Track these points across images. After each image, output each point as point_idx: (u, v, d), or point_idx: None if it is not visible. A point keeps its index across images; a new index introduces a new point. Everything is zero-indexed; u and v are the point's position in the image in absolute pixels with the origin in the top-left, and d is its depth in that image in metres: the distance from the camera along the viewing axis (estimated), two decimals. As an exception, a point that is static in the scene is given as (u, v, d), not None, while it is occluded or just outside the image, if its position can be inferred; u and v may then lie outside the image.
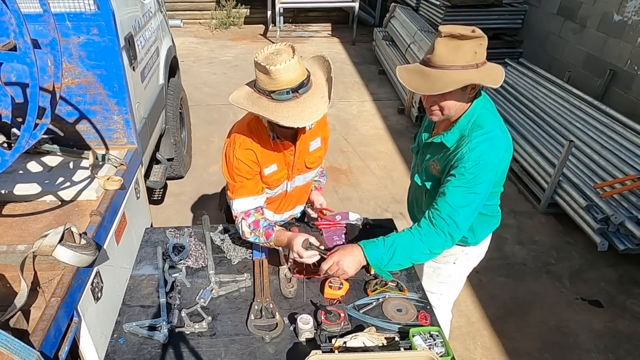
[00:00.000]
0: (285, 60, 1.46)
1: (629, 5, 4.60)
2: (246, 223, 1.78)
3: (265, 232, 1.77)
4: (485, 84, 1.49)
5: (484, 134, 1.54)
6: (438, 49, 1.46)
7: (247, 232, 1.79)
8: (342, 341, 1.43)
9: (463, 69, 1.45)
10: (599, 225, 3.38)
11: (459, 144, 1.58)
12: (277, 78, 1.47)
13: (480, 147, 1.53)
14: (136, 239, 2.29)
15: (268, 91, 1.52)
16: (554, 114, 4.68)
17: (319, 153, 1.93)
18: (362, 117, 5.77)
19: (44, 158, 2.41)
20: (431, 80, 1.48)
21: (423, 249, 1.59)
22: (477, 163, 1.52)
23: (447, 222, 1.56)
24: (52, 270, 1.72)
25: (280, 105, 1.52)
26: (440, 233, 1.57)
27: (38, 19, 1.97)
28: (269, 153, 1.76)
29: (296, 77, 1.50)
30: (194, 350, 1.50)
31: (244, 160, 1.72)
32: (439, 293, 2.05)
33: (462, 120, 1.60)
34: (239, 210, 1.80)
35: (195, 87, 6.32)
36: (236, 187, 1.78)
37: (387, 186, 4.32)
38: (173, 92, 3.84)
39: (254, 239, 1.80)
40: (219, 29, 9.39)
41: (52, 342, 1.47)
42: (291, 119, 1.51)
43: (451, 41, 1.44)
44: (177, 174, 4.06)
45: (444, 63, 1.46)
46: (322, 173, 2.19)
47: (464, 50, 1.44)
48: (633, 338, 2.81)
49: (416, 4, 7.51)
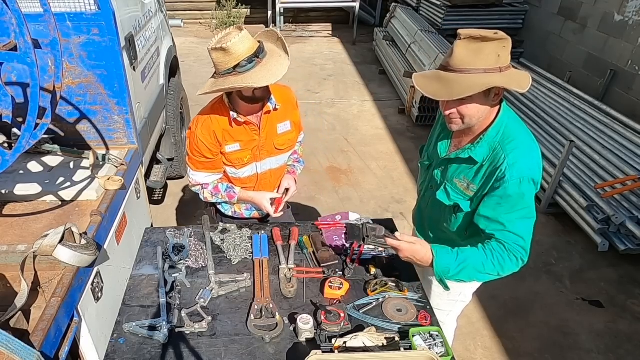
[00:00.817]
0: (236, 35, 1.59)
1: (630, 5, 4.60)
2: (208, 191, 2.03)
3: (227, 195, 2.02)
4: (511, 87, 1.37)
5: (519, 146, 1.45)
6: (457, 52, 1.36)
7: (209, 197, 2.04)
8: (342, 341, 1.43)
9: (485, 72, 1.34)
10: (600, 226, 3.38)
11: (493, 160, 1.47)
12: (235, 52, 1.60)
13: (521, 162, 1.43)
14: (136, 239, 2.29)
15: (231, 68, 1.63)
16: (554, 114, 4.68)
17: (289, 136, 2.02)
18: (363, 117, 5.77)
19: (45, 158, 2.41)
20: (450, 85, 1.37)
21: (493, 271, 1.54)
22: (521, 181, 1.43)
23: (519, 250, 1.51)
24: (52, 270, 1.72)
25: (247, 74, 1.64)
26: (513, 259, 1.52)
27: (39, 19, 1.97)
28: (230, 131, 1.88)
29: (252, 46, 1.63)
30: (194, 350, 1.50)
31: (204, 140, 1.87)
32: (448, 310, 1.99)
33: (491, 131, 1.48)
34: (193, 180, 2.03)
35: (195, 87, 6.28)
36: (194, 161, 1.97)
37: (387, 186, 4.32)
38: (173, 92, 3.84)
39: (215, 200, 2.06)
40: (219, 29, 9.39)
41: (53, 342, 1.47)
42: (263, 79, 1.63)
43: (472, 43, 1.34)
44: (177, 174, 4.06)
45: (464, 66, 1.35)
46: (297, 159, 2.23)
47: (486, 53, 1.34)
48: (633, 338, 2.81)
49: (417, 4, 7.51)
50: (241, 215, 2.22)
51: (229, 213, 2.22)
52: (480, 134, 1.51)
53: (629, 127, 4.12)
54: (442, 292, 1.83)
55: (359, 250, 1.86)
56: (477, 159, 1.51)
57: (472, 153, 1.52)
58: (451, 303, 1.96)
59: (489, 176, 1.49)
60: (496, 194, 1.47)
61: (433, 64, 5.17)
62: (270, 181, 2.09)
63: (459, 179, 1.59)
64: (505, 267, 1.53)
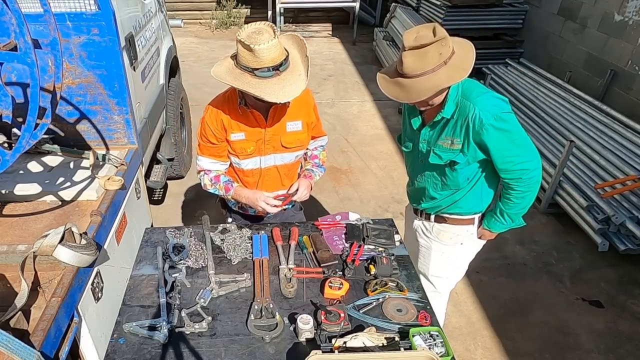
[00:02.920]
0: (267, 40, 1.57)
1: (630, 5, 4.60)
2: (208, 177, 2.02)
3: (224, 187, 2.01)
4: (455, 81, 1.58)
5: (480, 93, 1.67)
6: (406, 62, 1.55)
7: (208, 184, 2.03)
8: (342, 341, 1.43)
9: (433, 71, 1.55)
10: (600, 226, 3.38)
11: (463, 111, 1.68)
12: (260, 56, 1.59)
13: (488, 104, 1.65)
14: (136, 239, 2.29)
15: (251, 68, 1.63)
16: (554, 114, 4.68)
17: (299, 136, 1.98)
18: (363, 117, 5.77)
19: (45, 158, 2.41)
20: (406, 89, 1.60)
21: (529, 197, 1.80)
22: (497, 116, 1.64)
23: (526, 171, 1.73)
24: (52, 270, 1.72)
25: (262, 82, 1.64)
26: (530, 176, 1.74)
27: (39, 19, 1.98)
28: (237, 119, 1.89)
29: (277, 56, 1.62)
30: (194, 350, 1.50)
31: (211, 125, 1.90)
32: (446, 277, 2.14)
33: (451, 92, 1.69)
34: (200, 166, 2.04)
35: (195, 87, 6.32)
36: (202, 146, 2.00)
37: (387, 186, 4.32)
38: (173, 92, 3.84)
39: (213, 190, 2.04)
40: (219, 29, 9.40)
41: (53, 342, 1.47)
42: (274, 94, 1.64)
43: (415, 51, 1.54)
44: (177, 174, 4.06)
45: (415, 72, 1.56)
46: (318, 164, 2.17)
47: (430, 56, 1.53)
48: (634, 338, 2.81)
49: (417, 4, 7.51)
50: (246, 212, 2.20)
51: (235, 208, 2.22)
52: (444, 101, 1.72)
53: (629, 127, 4.12)
54: (440, 258, 2.09)
55: (359, 250, 1.87)
56: (447, 116, 1.73)
57: (442, 113, 1.73)
58: (449, 268, 2.12)
59: (467, 126, 1.69)
60: (484, 139, 1.67)
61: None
62: (274, 179, 2.07)
63: (442, 139, 1.79)
64: (531, 188, 1.78)
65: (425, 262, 2.13)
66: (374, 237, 1.95)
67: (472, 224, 1.99)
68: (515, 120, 1.69)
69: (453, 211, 1.96)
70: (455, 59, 1.58)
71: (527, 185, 1.76)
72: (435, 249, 2.06)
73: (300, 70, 1.72)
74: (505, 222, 1.90)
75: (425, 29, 1.55)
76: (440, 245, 2.05)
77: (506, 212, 1.86)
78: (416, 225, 2.12)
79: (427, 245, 2.09)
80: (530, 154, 1.73)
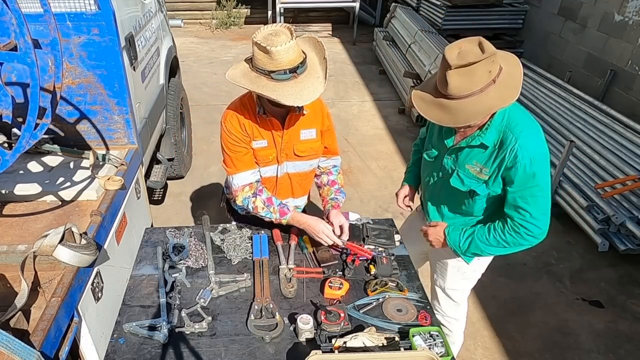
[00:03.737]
0: (285, 42, 1.52)
1: (630, 5, 4.60)
2: (260, 199, 1.88)
3: (279, 210, 1.88)
4: (508, 103, 1.46)
5: (526, 128, 1.54)
6: (451, 82, 1.41)
7: (260, 207, 1.87)
8: (342, 341, 1.43)
9: (481, 91, 1.42)
10: (600, 226, 3.38)
11: (503, 143, 1.56)
12: (277, 59, 1.53)
13: (530, 143, 1.52)
14: (136, 239, 2.29)
15: (267, 71, 1.57)
16: (554, 114, 4.68)
17: (313, 144, 1.92)
18: (363, 117, 5.77)
19: (45, 158, 2.41)
20: (452, 112, 1.46)
21: (497, 244, 1.69)
22: (532, 160, 1.52)
23: (523, 225, 1.61)
24: (52, 270, 1.72)
25: (279, 85, 1.59)
26: (514, 234, 1.64)
27: (39, 19, 1.98)
28: (257, 126, 1.82)
29: (295, 58, 1.56)
30: (194, 350, 1.50)
31: (235, 132, 1.81)
32: (461, 289, 2.09)
33: (497, 117, 1.57)
34: (239, 185, 1.87)
35: (195, 87, 6.33)
36: (233, 161, 1.86)
37: (387, 186, 4.32)
38: (173, 92, 3.84)
39: (265, 213, 1.89)
40: (219, 29, 9.40)
41: (53, 342, 1.47)
42: (291, 97, 1.58)
43: (461, 70, 1.39)
44: (177, 174, 4.06)
45: (462, 93, 1.43)
46: (339, 189, 2.07)
47: (478, 75, 1.40)
48: (634, 338, 2.81)
49: (417, 4, 7.51)
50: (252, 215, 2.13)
51: (243, 212, 2.14)
52: (486, 122, 1.59)
53: (629, 127, 4.12)
54: (457, 272, 2.00)
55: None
56: (488, 144, 1.59)
57: (482, 139, 1.59)
58: (464, 281, 2.05)
59: (502, 159, 1.57)
60: (511, 174, 1.56)
61: (433, 64, 5.17)
62: (287, 187, 2.02)
63: (471, 164, 1.66)
64: (509, 241, 1.66)
65: (441, 277, 2.07)
66: (374, 237, 1.96)
67: None
68: (547, 169, 1.57)
69: None
70: (504, 76, 1.45)
71: (516, 241, 1.65)
72: (451, 264, 2.00)
73: (319, 72, 1.66)
74: (461, 243, 1.75)
75: (469, 44, 1.41)
76: (455, 262, 1.97)
77: (475, 237, 1.72)
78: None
79: (442, 261, 2.03)
80: (543, 219, 1.61)
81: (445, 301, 2.11)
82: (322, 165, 2.09)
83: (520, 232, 1.62)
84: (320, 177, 2.12)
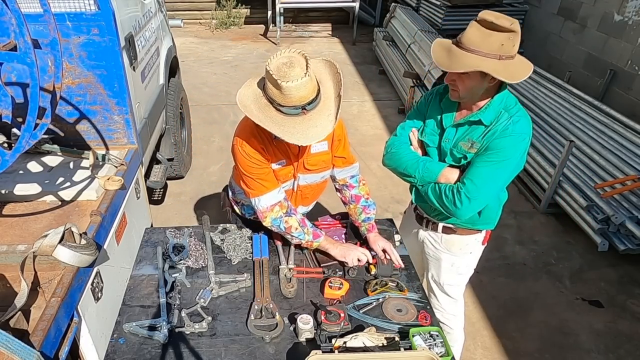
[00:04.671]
0: (298, 77, 1.44)
1: (630, 5, 4.60)
2: (295, 219, 1.80)
3: (313, 232, 1.82)
4: (498, 75, 1.50)
5: (520, 111, 1.64)
6: (469, 32, 1.52)
7: (295, 226, 1.79)
8: (342, 341, 1.43)
9: (485, 56, 1.50)
10: (600, 226, 3.38)
11: (498, 121, 1.65)
12: (287, 94, 1.47)
13: (522, 122, 1.62)
14: (136, 239, 2.29)
15: (277, 103, 1.51)
16: (554, 114, 4.68)
17: (323, 157, 1.86)
18: (362, 117, 5.77)
19: (44, 158, 2.41)
20: (453, 59, 1.55)
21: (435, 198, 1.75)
22: (517, 135, 1.61)
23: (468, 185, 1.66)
24: (52, 270, 1.72)
25: (286, 119, 1.53)
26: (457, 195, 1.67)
27: (38, 19, 1.97)
28: (274, 149, 1.75)
29: (306, 95, 1.49)
30: (194, 350, 1.50)
31: (252, 154, 1.72)
32: (456, 284, 2.11)
33: (496, 99, 1.66)
34: (267, 205, 1.78)
35: (195, 87, 6.32)
36: (257, 184, 1.76)
37: (387, 186, 4.32)
38: (173, 92, 3.84)
39: (297, 234, 1.80)
40: (219, 29, 9.40)
41: (52, 342, 1.47)
42: (296, 135, 1.52)
43: (483, 28, 1.49)
44: (177, 174, 4.06)
45: (470, 46, 1.51)
46: (367, 206, 1.98)
47: (491, 41, 1.49)
48: (633, 338, 2.81)
49: (416, 4, 7.51)
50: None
51: (252, 217, 2.07)
52: (485, 104, 1.67)
53: (628, 127, 4.12)
54: (451, 268, 2.04)
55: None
56: (486, 122, 1.67)
57: (481, 116, 1.67)
58: (459, 276, 2.09)
59: (492, 133, 1.65)
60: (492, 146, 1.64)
61: (433, 64, 5.17)
62: (299, 197, 1.98)
63: (464, 141, 1.73)
64: (450, 200, 1.70)
65: (436, 273, 2.09)
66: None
67: (479, 232, 1.94)
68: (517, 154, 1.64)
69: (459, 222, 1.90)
70: (509, 63, 1.52)
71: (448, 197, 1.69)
72: (445, 259, 2.02)
73: (330, 109, 1.58)
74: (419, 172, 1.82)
75: (504, 19, 1.48)
76: (449, 257, 2.00)
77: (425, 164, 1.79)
78: (422, 236, 2.06)
79: (436, 257, 2.04)
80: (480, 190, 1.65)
81: (442, 297, 2.13)
82: (339, 177, 2.01)
83: (453, 190, 1.68)
84: (342, 192, 2.04)
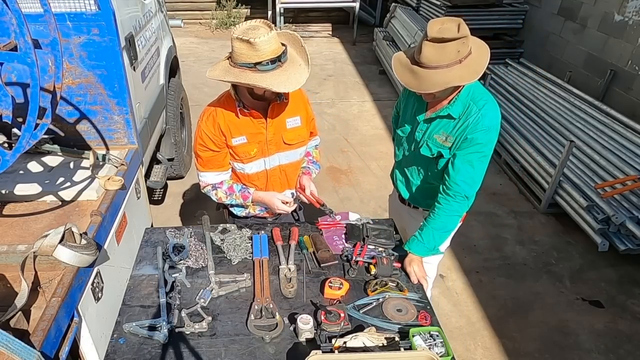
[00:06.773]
0: (265, 33, 1.57)
1: (630, 5, 4.60)
2: (222, 191, 2.00)
3: (241, 195, 2.00)
4: (465, 82, 1.63)
5: (488, 102, 1.74)
6: (425, 51, 1.59)
7: (224, 197, 2.01)
8: (342, 341, 1.43)
9: (447, 67, 1.59)
10: (600, 226, 3.38)
11: (467, 114, 1.75)
12: (260, 49, 1.57)
13: (490, 114, 1.73)
14: (136, 239, 2.29)
15: (252, 63, 1.61)
16: (554, 114, 4.68)
17: (300, 132, 1.98)
18: (363, 117, 5.77)
19: (45, 158, 2.41)
20: (419, 79, 1.64)
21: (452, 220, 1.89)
22: (489, 128, 1.73)
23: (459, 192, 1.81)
24: (52, 270, 1.72)
25: (266, 75, 1.62)
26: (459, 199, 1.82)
27: (39, 19, 1.98)
28: (236, 123, 1.86)
29: (277, 48, 1.62)
30: (194, 350, 1.50)
31: (207, 132, 1.86)
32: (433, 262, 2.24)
33: (462, 92, 1.75)
34: (205, 182, 2.00)
35: (195, 87, 6.33)
36: (202, 161, 1.95)
37: (387, 186, 4.30)
38: (173, 92, 3.84)
39: (230, 201, 2.03)
40: (219, 29, 9.40)
41: (53, 342, 1.47)
42: (282, 85, 1.63)
43: (436, 44, 1.57)
44: (177, 174, 4.06)
45: (431, 64, 1.60)
46: (312, 160, 2.19)
47: (448, 51, 1.57)
48: (634, 338, 2.81)
49: (417, 4, 7.51)
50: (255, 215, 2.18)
51: (242, 214, 2.17)
52: (454, 96, 1.77)
53: (629, 127, 4.12)
54: None
55: (362, 250, 1.86)
56: (455, 115, 1.78)
57: (450, 110, 1.78)
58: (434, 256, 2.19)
59: (465, 127, 1.76)
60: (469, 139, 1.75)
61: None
62: (280, 179, 2.05)
63: (438, 134, 1.85)
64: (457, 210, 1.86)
65: None
66: (374, 237, 1.95)
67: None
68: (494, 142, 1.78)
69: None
70: (470, 60, 1.62)
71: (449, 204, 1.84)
72: None
73: (300, 61, 1.73)
74: (426, 244, 1.90)
75: (451, 23, 1.57)
76: None
77: (429, 227, 1.89)
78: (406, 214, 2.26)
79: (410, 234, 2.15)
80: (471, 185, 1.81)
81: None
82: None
83: (450, 192, 1.82)
84: None
